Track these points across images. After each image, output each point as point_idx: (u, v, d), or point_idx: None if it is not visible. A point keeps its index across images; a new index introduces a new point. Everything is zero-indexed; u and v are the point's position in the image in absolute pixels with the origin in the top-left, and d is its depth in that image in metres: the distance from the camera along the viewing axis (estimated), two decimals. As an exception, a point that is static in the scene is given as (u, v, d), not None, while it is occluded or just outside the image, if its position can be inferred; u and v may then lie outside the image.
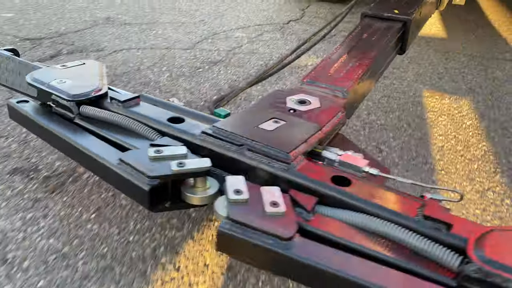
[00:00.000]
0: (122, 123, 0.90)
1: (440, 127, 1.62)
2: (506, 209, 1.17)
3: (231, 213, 0.62)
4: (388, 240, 0.62)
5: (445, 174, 1.33)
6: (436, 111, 1.75)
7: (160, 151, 0.74)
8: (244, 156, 0.77)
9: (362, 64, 1.17)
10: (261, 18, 3.08)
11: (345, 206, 0.68)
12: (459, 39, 2.75)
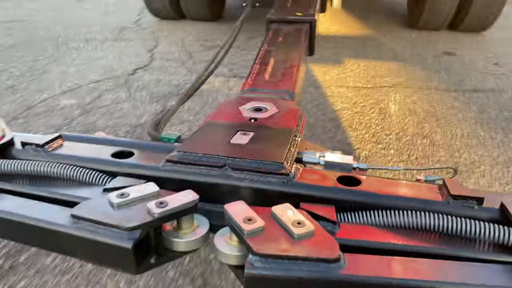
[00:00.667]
0: (55, 171, 0.69)
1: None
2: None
3: (254, 247, 0.49)
4: (416, 230, 0.58)
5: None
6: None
7: (125, 194, 0.57)
8: (231, 177, 0.65)
9: (293, 65, 1.20)
10: (97, 70, 2.38)
11: (366, 207, 0.61)
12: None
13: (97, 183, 0.69)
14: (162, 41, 2.97)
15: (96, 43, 2.92)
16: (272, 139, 0.76)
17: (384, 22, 3.47)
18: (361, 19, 3.58)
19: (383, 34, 3.12)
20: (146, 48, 2.79)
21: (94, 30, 3.26)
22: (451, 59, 2.56)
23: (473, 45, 2.83)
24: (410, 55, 2.63)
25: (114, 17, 3.71)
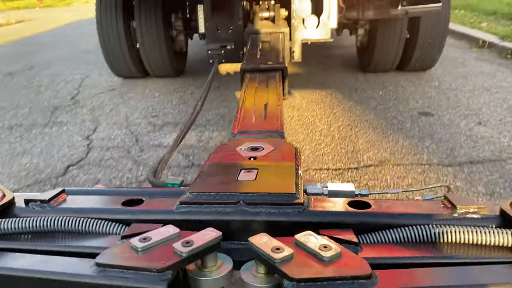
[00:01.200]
0: (67, 225, 0.69)
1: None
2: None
3: (290, 273, 0.51)
4: (430, 242, 0.63)
5: None
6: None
7: (147, 239, 0.58)
8: (247, 212, 0.67)
9: (275, 107, 1.28)
10: (17, 172, 1.90)
11: (381, 227, 0.66)
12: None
13: (112, 232, 0.69)
14: (103, 121, 2.55)
15: (22, 131, 2.44)
16: (277, 174, 0.79)
17: (346, 78, 3.27)
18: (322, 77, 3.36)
19: (348, 94, 2.88)
20: (83, 134, 2.34)
21: (21, 113, 2.78)
22: (430, 121, 2.33)
23: (443, 99, 2.65)
24: (386, 120, 2.38)
25: (49, 92, 3.25)
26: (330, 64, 3.82)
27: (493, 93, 2.73)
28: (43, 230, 0.70)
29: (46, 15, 14.36)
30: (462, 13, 5.97)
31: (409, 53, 3.01)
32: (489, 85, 2.89)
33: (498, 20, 5.15)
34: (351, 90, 2.95)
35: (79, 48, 5.55)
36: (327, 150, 2.02)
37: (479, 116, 2.34)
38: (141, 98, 2.96)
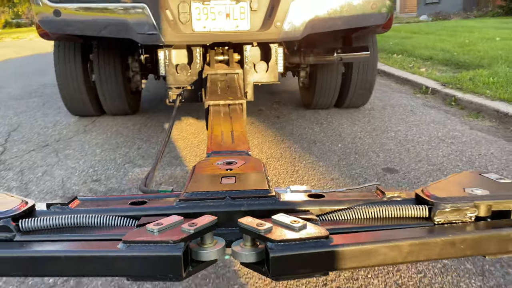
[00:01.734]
0: (90, 220, 0.86)
1: None
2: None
3: (273, 237, 0.72)
4: (369, 219, 0.89)
5: None
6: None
7: (159, 224, 0.75)
8: (233, 205, 0.88)
9: (240, 133, 1.53)
10: None
11: (333, 209, 0.91)
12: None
13: (126, 225, 0.86)
14: (34, 188, 2.18)
15: None
16: (252, 178, 1.03)
17: (302, 128, 3.17)
18: (278, 128, 3.23)
19: (308, 147, 2.76)
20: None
21: None
22: (396, 178, 2.24)
23: (404, 152, 2.60)
24: (352, 179, 2.26)
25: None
26: (283, 111, 3.72)
27: (449, 144, 2.74)
28: (71, 225, 0.85)
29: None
30: (400, 57, 6.27)
31: (344, 93, 3.46)
32: (443, 135, 2.92)
33: (435, 65, 5.44)
34: (310, 143, 2.83)
35: (7, 92, 5.01)
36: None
37: (443, 172, 2.29)
38: (79, 157, 2.61)
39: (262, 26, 2.28)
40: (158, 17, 2.15)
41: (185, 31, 2.25)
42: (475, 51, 5.61)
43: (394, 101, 4.06)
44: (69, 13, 2.15)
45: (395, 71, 5.35)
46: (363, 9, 2.29)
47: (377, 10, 2.31)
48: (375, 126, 3.19)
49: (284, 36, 2.28)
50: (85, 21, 2.18)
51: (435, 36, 8.48)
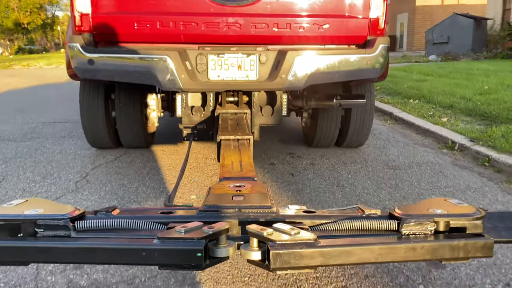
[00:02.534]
0: (134, 226, 1.06)
1: None
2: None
3: (273, 239, 0.92)
4: (345, 230, 1.11)
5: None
6: None
7: (185, 226, 0.95)
8: (243, 215, 1.11)
9: (247, 163, 1.77)
10: None
11: (322, 223, 1.12)
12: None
13: (157, 229, 1.06)
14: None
15: None
16: (257, 197, 1.28)
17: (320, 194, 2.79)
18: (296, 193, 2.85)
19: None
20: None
21: None
22: (444, 276, 1.83)
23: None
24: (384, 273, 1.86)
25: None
26: (297, 167, 3.36)
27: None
28: (114, 227, 1.06)
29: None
30: (417, 104, 5.96)
31: (343, 135, 3.70)
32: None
33: (457, 115, 5.10)
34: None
35: (1, 131, 4.68)
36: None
37: (499, 268, 1.89)
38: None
39: (269, 76, 2.55)
40: (178, 67, 2.41)
41: (201, 79, 2.52)
42: (500, 100, 5.28)
43: (420, 157, 3.69)
44: (101, 62, 2.40)
45: (415, 119, 5.01)
46: (359, 65, 2.55)
47: (371, 66, 2.57)
48: (405, 192, 2.80)
49: (288, 86, 2.55)
50: (115, 70, 2.45)
51: (450, 80, 8.21)
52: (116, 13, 2.40)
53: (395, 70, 11.38)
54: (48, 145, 4.04)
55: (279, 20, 2.48)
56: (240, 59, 2.51)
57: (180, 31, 2.45)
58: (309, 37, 2.55)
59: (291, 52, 2.49)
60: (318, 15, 2.51)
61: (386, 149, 4.00)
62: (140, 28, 2.42)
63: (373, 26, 2.56)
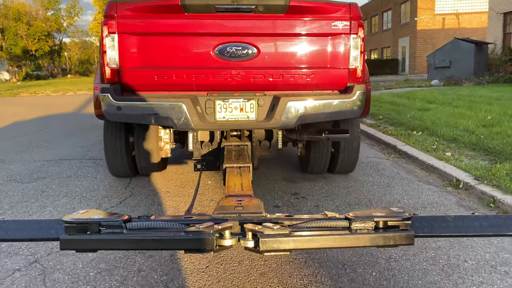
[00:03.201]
0: (166, 226, 1.57)
1: None
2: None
3: (261, 231, 1.43)
4: (310, 227, 1.57)
5: None
6: None
7: (202, 225, 1.45)
8: (243, 218, 1.62)
9: (247, 183, 2.54)
10: None
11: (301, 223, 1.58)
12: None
13: (182, 228, 1.52)
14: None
15: None
16: (253, 207, 1.93)
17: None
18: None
19: (335, 272, 2.36)
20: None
21: None
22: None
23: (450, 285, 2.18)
24: None
25: None
26: (302, 209, 3.35)
27: (502, 274, 2.32)
28: (152, 226, 1.54)
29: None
30: (421, 136, 5.97)
31: (334, 163, 4.17)
32: (492, 259, 2.50)
33: (461, 149, 5.10)
34: (338, 267, 2.43)
35: (8, 170, 4.72)
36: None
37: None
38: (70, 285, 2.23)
39: (266, 117, 3.00)
40: (191, 111, 2.85)
41: (210, 120, 2.98)
42: (503, 134, 5.28)
43: (424, 198, 3.68)
44: (127, 107, 2.85)
45: (419, 154, 5.02)
46: (340, 107, 3.00)
47: (351, 108, 3.02)
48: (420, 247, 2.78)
49: (282, 125, 3.00)
50: (138, 114, 2.90)
51: (453, 109, 8.25)
52: (139, 68, 2.85)
53: (397, 97, 11.46)
54: (54, 187, 4.07)
55: (273, 71, 2.93)
56: (241, 103, 2.98)
57: (192, 82, 2.89)
58: (298, 85, 3.01)
59: (284, 98, 2.94)
60: (306, 67, 2.98)
61: (390, 187, 4.00)
62: (159, 80, 2.86)
63: (352, 75, 3.01)
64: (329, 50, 2.97)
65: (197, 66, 2.88)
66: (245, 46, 2.87)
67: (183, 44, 2.89)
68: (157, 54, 2.85)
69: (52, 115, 11.30)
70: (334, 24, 2.91)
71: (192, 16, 2.80)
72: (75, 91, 23.70)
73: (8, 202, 3.63)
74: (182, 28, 2.86)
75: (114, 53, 2.77)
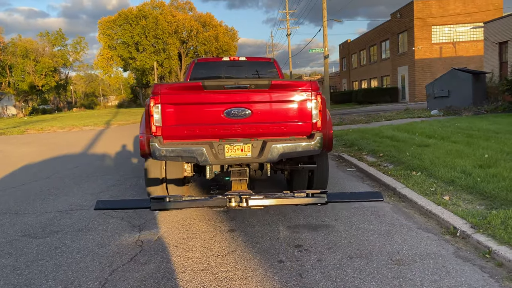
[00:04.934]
0: (192, 200, 3.46)
1: None
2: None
3: (248, 194, 3.46)
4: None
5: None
6: None
7: (220, 195, 3.40)
8: (240, 193, 3.48)
9: (245, 188, 4.38)
10: None
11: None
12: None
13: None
14: None
15: None
16: (245, 191, 3.89)
17: None
18: None
19: None
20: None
21: None
22: None
23: None
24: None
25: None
26: (306, 265, 3.49)
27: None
28: (185, 201, 3.38)
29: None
30: (420, 177, 6.13)
31: (310, 183, 5.44)
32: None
33: (458, 192, 5.25)
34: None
35: (22, 223, 4.86)
36: None
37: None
38: None
39: (258, 155, 4.26)
40: (208, 152, 4.14)
41: (221, 158, 4.23)
42: (499, 177, 5.44)
43: (423, 247, 3.82)
44: (167, 151, 4.14)
45: (418, 198, 5.17)
46: (306, 147, 4.28)
47: (313, 147, 4.29)
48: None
49: (268, 160, 4.23)
50: (174, 155, 4.17)
51: (451, 145, 8.43)
52: (174, 125, 4.20)
53: (397, 131, 11.67)
54: (67, 242, 4.24)
55: (262, 125, 4.29)
56: (242, 145, 4.26)
57: (209, 133, 4.24)
58: (279, 133, 4.35)
59: (270, 142, 4.22)
60: (284, 122, 4.34)
61: (390, 236, 4.14)
62: (187, 132, 4.22)
63: (314, 126, 4.33)
64: (298, 110, 4.33)
65: (212, 123, 4.22)
66: (243, 109, 4.24)
67: (203, 110, 4.21)
68: (186, 116, 4.19)
69: (60, 156, 11.55)
70: (301, 94, 4.29)
71: (209, 92, 4.16)
72: (81, 127, 24.15)
73: (24, 261, 3.80)
74: (202, 100, 4.18)
75: (158, 116, 4.13)
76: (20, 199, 6.32)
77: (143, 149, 4.36)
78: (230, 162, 4.30)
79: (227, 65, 7.20)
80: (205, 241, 4.17)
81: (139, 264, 3.63)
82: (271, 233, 4.31)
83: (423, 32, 31.43)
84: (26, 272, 3.54)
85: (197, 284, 3.22)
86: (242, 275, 3.37)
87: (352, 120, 17.68)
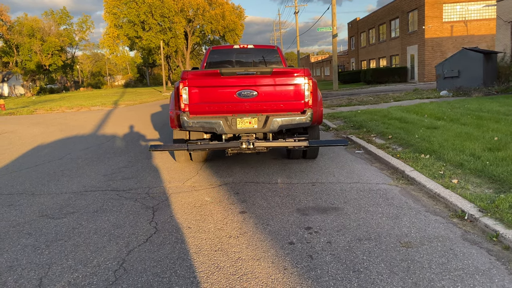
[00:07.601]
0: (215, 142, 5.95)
1: None
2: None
3: (252, 141, 5.62)
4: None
5: None
6: None
7: (242, 140, 5.69)
8: (250, 140, 5.62)
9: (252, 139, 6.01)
10: None
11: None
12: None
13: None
14: None
15: None
16: (253, 138, 5.78)
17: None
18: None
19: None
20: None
21: None
22: None
23: None
24: None
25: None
26: (316, 247, 3.59)
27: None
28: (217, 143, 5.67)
29: (6, 128, 13.83)
30: (428, 160, 6.16)
31: (304, 152, 6.91)
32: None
33: (467, 175, 5.29)
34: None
35: (39, 204, 5.00)
36: None
37: None
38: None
39: (262, 126, 5.53)
40: (224, 124, 5.45)
41: (234, 128, 5.52)
42: (508, 160, 5.46)
43: (431, 230, 3.90)
44: (193, 122, 5.46)
45: (426, 181, 5.23)
46: (300, 120, 5.58)
47: (305, 120, 5.56)
48: (416, 278, 3.01)
49: (270, 130, 5.52)
50: (198, 126, 5.47)
51: (460, 127, 8.41)
52: (198, 103, 5.53)
53: (406, 112, 11.62)
54: (84, 223, 4.38)
55: (266, 103, 5.58)
56: (250, 119, 5.54)
57: (225, 109, 5.56)
58: (279, 109, 5.62)
59: (271, 116, 5.50)
60: (283, 100, 5.63)
61: (398, 219, 4.22)
62: (208, 109, 5.55)
63: (306, 104, 5.61)
64: (294, 92, 5.62)
65: (227, 101, 5.54)
66: (251, 91, 5.56)
67: (220, 91, 5.51)
68: (207, 96, 5.51)
69: (70, 137, 11.70)
70: (296, 79, 5.58)
71: (225, 77, 5.47)
72: (89, 107, 24.29)
73: (43, 241, 3.94)
74: (220, 83, 5.48)
75: (186, 96, 5.47)
76: (36, 180, 6.47)
77: (173, 122, 5.77)
78: (240, 132, 5.58)
79: (237, 52, 8.47)
80: (217, 223, 4.28)
81: (155, 245, 3.75)
82: (281, 215, 4.40)
83: (434, 10, 30.76)
84: (47, 252, 3.68)
85: (211, 264, 3.34)
86: (254, 256, 3.48)
87: (361, 100, 17.58)
